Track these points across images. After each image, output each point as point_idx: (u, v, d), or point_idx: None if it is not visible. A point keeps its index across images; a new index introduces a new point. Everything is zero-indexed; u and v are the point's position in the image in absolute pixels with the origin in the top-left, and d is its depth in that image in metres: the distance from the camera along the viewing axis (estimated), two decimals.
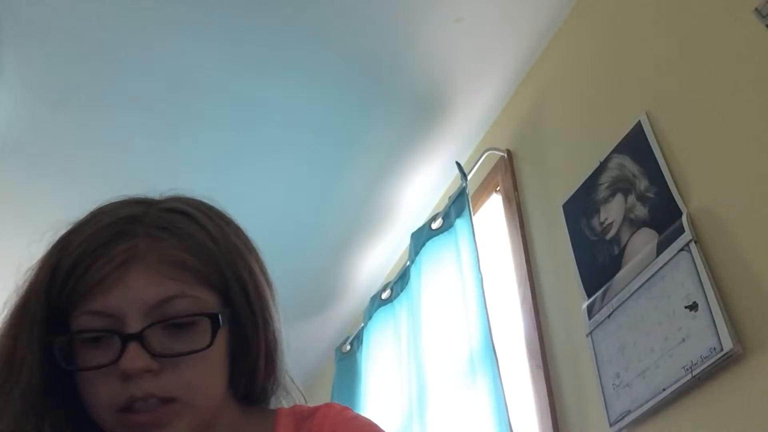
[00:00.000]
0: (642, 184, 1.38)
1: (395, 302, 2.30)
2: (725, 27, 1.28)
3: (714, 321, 1.09)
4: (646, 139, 1.40)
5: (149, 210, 0.65)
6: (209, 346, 0.59)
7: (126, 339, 0.57)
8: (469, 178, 2.04)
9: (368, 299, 2.49)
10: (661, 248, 1.26)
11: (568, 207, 1.63)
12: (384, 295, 2.38)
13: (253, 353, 0.66)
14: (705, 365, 1.08)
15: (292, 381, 0.72)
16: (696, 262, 1.17)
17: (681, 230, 1.22)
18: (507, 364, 1.67)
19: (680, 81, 1.37)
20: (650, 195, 1.35)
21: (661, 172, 1.33)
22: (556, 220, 1.66)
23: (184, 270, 0.61)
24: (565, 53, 1.88)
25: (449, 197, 2.07)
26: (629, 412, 1.23)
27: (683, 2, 1.42)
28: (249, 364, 0.66)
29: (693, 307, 1.15)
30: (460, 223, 1.96)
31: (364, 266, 2.73)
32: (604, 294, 1.39)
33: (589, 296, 1.45)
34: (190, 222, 0.65)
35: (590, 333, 1.40)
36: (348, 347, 2.61)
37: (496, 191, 2.09)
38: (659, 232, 1.29)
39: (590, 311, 1.42)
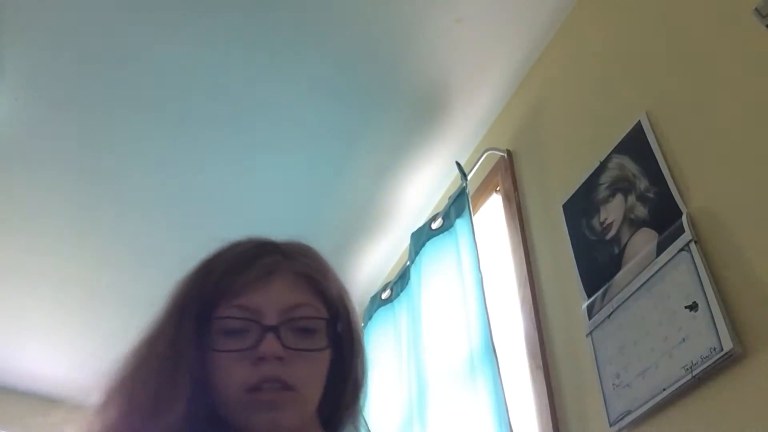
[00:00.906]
0: (642, 184, 1.38)
1: (395, 302, 2.30)
2: (725, 27, 1.28)
3: (714, 321, 1.09)
4: (646, 139, 1.40)
5: (280, 241, 0.81)
6: (324, 348, 0.73)
7: (265, 329, 0.70)
8: (469, 178, 2.04)
9: (368, 299, 2.49)
10: (661, 248, 1.26)
11: (568, 207, 1.63)
12: (384, 295, 2.38)
13: (345, 379, 0.78)
14: (705, 365, 1.08)
15: (365, 422, 0.83)
16: (696, 262, 1.17)
17: (681, 230, 1.22)
18: (507, 364, 1.67)
19: (680, 81, 1.37)
20: (650, 195, 1.35)
21: (661, 172, 1.33)
22: (556, 220, 1.66)
23: (311, 285, 0.76)
24: (565, 53, 1.88)
25: (449, 197, 2.07)
26: (629, 412, 1.23)
27: (683, 2, 1.42)
28: (339, 390, 0.78)
29: (693, 307, 1.15)
30: (460, 223, 1.96)
31: (364, 266, 2.73)
32: (604, 294, 1.39)
33: (589, 296, 1.45)
34: (313, 253, 0.82)
35: (590, 333, 1.40)
36: None
37: (496, 191, 2.09)
38: (659, 232, 1.29)
39: (590, 311, 1.42)
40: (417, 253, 2.13)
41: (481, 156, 2.08)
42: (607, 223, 1.46)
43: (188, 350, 0.70)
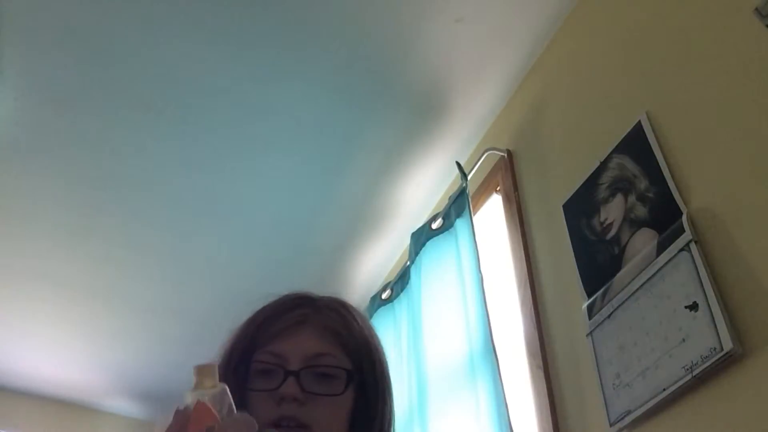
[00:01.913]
0: (642, 184, 1.38)
1: (395, 302, 2.30)
2: (725, 27, 1.28)
3: (714, 321, 1.09)
4: (646, 139, 1.40)
5: (317, 296, 0.91)
6: (341, 393, 0.81)
7: (287, 373, 0.79)
8: (469, 178, 2.04)
9: (368, 299, 2.49)
10: (661, 248, 1.26)
11: (568, 207, 1.63)
12: (384, 295, 2.38)
13: (371, 425, 0.85)
14: (705, 365, 1.08)
15: None
16: (696, 262, 1.17)
17: (681, 230, 1.22)
18: (507, 364, 1.67)
19: (680, 81, 1.37)
20: (650, 195, 1.35)
21: (661, 172, 1.33)
22: (556, 220, 1.66)
23: (335, 337, 0.84)
24: (565, 53, 1.88)
25: (449, 197, 2.07)
26: (629, 412, 1.23)
27: (683, 2, 1.42)
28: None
29: (693, 307, 1.15)
30: (460, 223, 1.96)
31: (364, 266, 2.73)
32: (604, 294, 1.39)
33: (589, 296, 1.45)
34: (344, 309, 0.91)
35: (590, 333, 1.40)
36: None
37: (496, 191, 2.09)
38: (659, 232, 1.29)
39: (590, 311, 1.42)
40: (417, 253, 2.13)
41: (482, 156, 2.08)
42: (607, 223, 1.46)
43: (234, 392, 0.79)
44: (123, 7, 1.85)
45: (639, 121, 1.44)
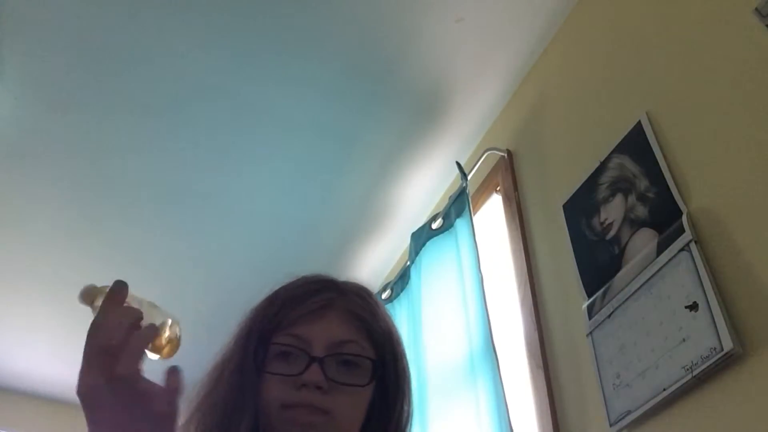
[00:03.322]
0: (642, 184, 1.38)
1: (395, 302, 2.30)
2: (725, 27, 1.28)
3: (714, 321, 1.09)
4: (646, 139, 1.40)
5: (339, 280, 0.87)
6: (365, 385, 0.78)
7: (312, 359, 0.75)
8: (469, 178, 2.04)
9: None
10: (661, 248, 1.26)
11: (568, 207, 1.63)
12: (384, 295, 2.38)
13: (389, 417, 0.82)
14: (705, 365, 1.08)
15: None
16: (696, 262, 1.17)
17: (681, 230, 1.22)
18: (507, 364, 1.67)
19: (680, 81, 1.37)
20: (650, 195, 1.35)
21: (661, 172, 1.33)
22: (556, 220, 1.66)
23: (360, 323, 0.81)
24: (565, 53, 1.87)
25: (449, 197, 2.07)
26: (629, 412, 1.23)
27: (683, 2, 1.42)
28: (381, 427, 0.81)
29: (693, 307, 1.14)
30: (460, 223, 1.96)
31: (364, 266, 2.73)
32: (604, 294, 1.39)
33: (589, 296, 1.45)
34: (368, 295, 0.87)
35: (590, 333, 1.40)
36: None
37: (496, 191, 2.09)
38: (659, 232, 1.29)
39: (590, 311, 1.42)
40: (417, 253, 2.13)
41: (482, 156, 2.08)
42: (608, 223, 1.46)
43: (250, 377, 0.77)
44: (123, 10, 1.85)
45: (639, 121, 1.44)
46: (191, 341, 3.04)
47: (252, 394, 0.76)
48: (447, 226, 2.03)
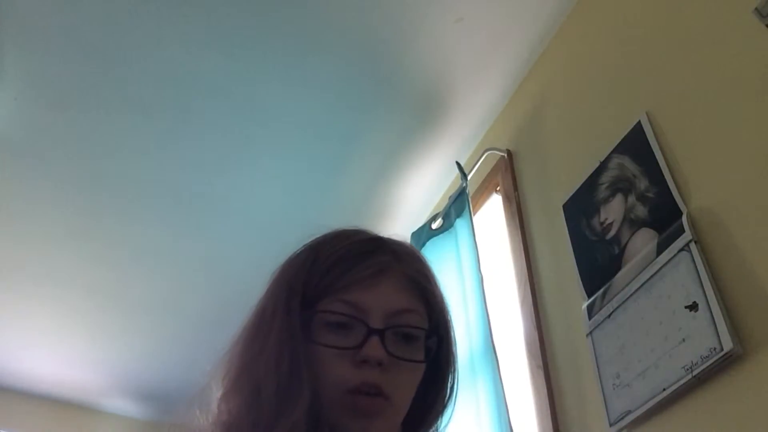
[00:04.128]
0: (642, 184, 1.38)
1: None
2: (725, 27, 1.28)
3: (714, 321, 1.09)
4: (646, 139, 1.40)
5: (389, 240, 0.78)
6: (423, 361, 0.71)
7: (371, 331, 0.67)
8: (469, 178, 2.04)
9: None
10: (661, 248, 1.26)
11: (568, 207, 1.63)
12: None
13: (437, 392, 0.76)
14: (705, 365, 1.08)
15: None
16: (696, 262, 1.17)
17: (681, 230, 1.22)
18: (507, 364, 1.67)
19: (680, 81, 1.37)
20: (650, 195, 1.35)
21: (661, 172, 1.33)
22: (556, 220, 1.66)
23: (418, 291, 0.73)
24: (565, 53, 1.88)
25: (449, 197, 2.07)
26: (629, 412, 1.23)
27: (683, 2, 1.42)
28: (428, 403, 0.75)
29: (693, 307, 1.15)
30: (460, 223, 1.96)
31: None
32: (604, 294, 1.39)
33: (589, 296, 1.45)
34: (423, 258, 0.79)
35: (590, 333, 1.40)
36: None
37: (496, 191, 2.09)
38: (659, 232, 1.29)
39: (590, 311, 1.42)
40: None
41: (481, 156, 2.08)
42: (607, 223, 1.46)
43: (300, 345, 0.68)
44: (123, 9, 1.85)
45: (639, 121, 1.44)
46: (191, 341, 3.05)
47: (308, 373, 0.66)
48: (447, 226, 2.03)
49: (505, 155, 2.02)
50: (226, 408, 0.67)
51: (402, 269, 0.73)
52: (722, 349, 1.06)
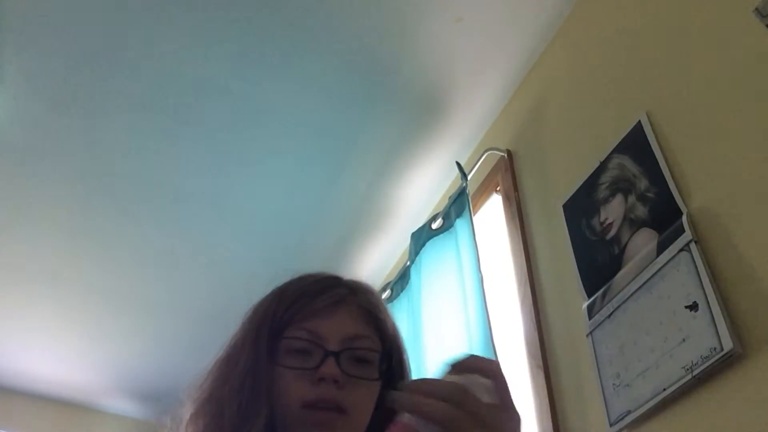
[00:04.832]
0: (642, 184, 1.38)
1: (395, 302, 2.30)
2: (725, 27, 1.28)
3: (714, 321, 1.09)
4: (646, 139, 1.40)
5: (346, 278, 0.88)
6: (377, 379, 0.79)
7: (327, 354, 0.76)
8: (469, 178, 2.04)
9: None
10: (661, 248, 1.26)
11: (568, 207, 1.63)
12: (384, 295, 2.38)
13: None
14: (705, 365, 1.08)
15: None
16: (696, 262, 1.17)
17: (681, 230, 1.22)
18: (507, 364, 1.67)
19: (680, 81, 1.37)
20: (650, 195, 1.35)
21: (661, 172, 1.33)
22: (556, 220, 1.66)
23: (370, 319, 0.83)
24: (565, 53, 1.88)
25: (449, 197, 2.07)
26: (629, 412, 1.23)
27: (683, 2, 1.42)
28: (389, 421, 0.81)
29: (693, 307, 1.15)
30: (460, 223, 1.96)
31: (365, 266, 2.73)
32: (604, 294, 1.39)
33: (589, 296, 1.45)
34: (375, 292, 0.90)
35: (590, 333, 1.40)
36: None
37: (496, 191, 2.09)
38: (659, 232, 1.29)
39: (590, 311, 1.42)
40: (417, 253, 2.13)
41: (481, 156, 2.08)
42: (607, 223, 1.46)
43: (264, 368, 0.77)
44: (123, 9, 1.85)
45: (639, 121, 1.44)
46: (191, 340, 3.05)
47: (267, 392, 0.76)
48: (447, 226, 2.03)
49: (505, 155, 2.02)
50: (193, 429, 0.77)
51: (357, 300, 0.83)
52: (722, 349, 1.06)
